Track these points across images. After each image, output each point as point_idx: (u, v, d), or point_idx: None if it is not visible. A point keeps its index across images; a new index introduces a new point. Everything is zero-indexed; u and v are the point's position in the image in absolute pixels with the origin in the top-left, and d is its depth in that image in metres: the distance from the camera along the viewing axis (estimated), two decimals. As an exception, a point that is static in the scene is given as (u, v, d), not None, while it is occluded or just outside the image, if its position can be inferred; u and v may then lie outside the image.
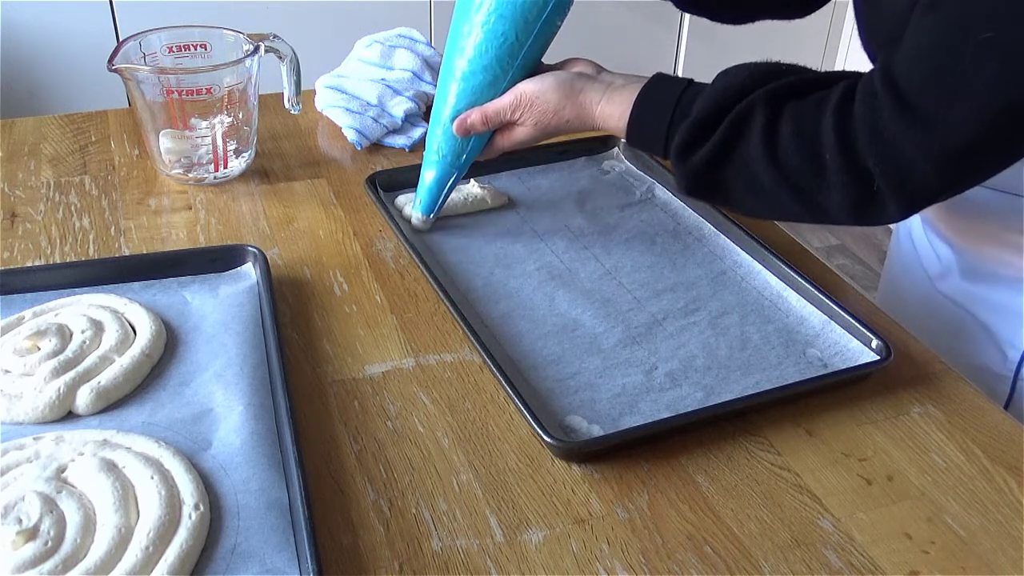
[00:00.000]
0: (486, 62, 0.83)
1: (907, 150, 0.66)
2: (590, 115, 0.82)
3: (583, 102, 0.82)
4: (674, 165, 0.77)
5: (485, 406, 0.72)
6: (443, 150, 0.89)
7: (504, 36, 0.82)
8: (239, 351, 0.74)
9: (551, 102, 0.82)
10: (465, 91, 0.85)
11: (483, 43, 0.83)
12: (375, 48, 1.16)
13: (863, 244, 2.61)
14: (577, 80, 0.83)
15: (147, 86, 0.95)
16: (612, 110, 0.80)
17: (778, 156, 0.71)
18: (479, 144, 0.88)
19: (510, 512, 0.64)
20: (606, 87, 0.82)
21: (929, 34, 0.65)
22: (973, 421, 0.73)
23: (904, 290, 1.00)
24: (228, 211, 0.96)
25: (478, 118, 0.85)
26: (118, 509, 0.59)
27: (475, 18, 0.83)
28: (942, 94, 0.64)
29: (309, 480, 0.62)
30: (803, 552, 0.62)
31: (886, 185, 0.68)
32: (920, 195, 0.69)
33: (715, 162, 0.74)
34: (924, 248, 0.96)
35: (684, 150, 0.75)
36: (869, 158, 0.67)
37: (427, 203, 0.92)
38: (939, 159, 0.66)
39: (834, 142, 0.68)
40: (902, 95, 0.66)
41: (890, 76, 0.67)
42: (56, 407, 0.68)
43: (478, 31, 0.83)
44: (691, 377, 0.75)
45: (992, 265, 0.86)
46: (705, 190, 0.78)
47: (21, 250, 0.89)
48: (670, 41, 2.60)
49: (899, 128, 0.66)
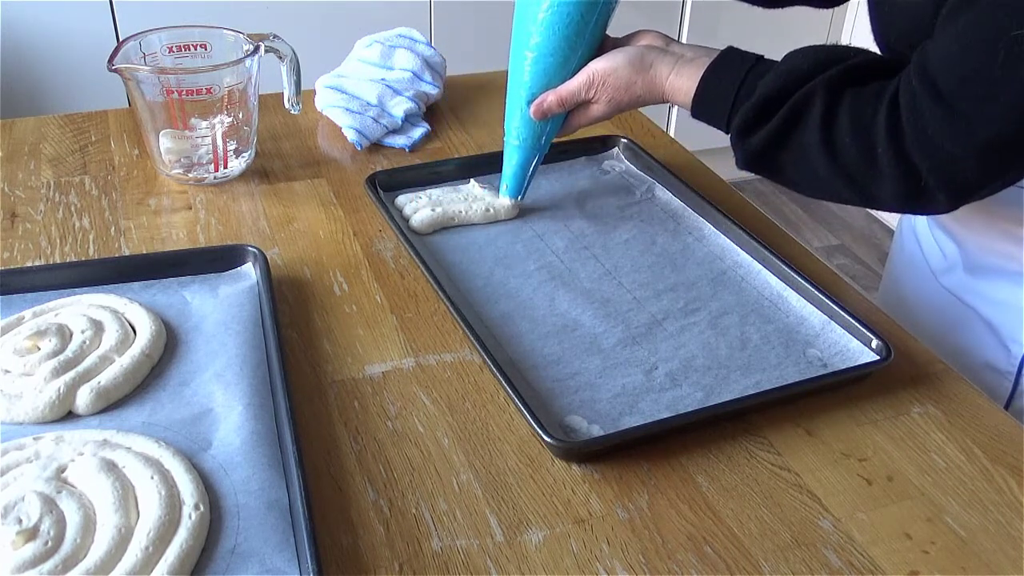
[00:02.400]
0: (554, 44, 0.86)
1: (950, 146, 0.67)
2: (660, 88, 0.84)
3: (653, 76, 0.83)
4: (733, 143, 0.79)
5: (485, 406, 0.72)
6: (522, 134, 0.91)
7: (569, 16, 0.84)
8: (239, 351, 0.74)
9: (623, 78, 0.84)
10: (537, 74, 0.87)
11: (548, 26, 0.85)
12: (375, 48, 1.16)
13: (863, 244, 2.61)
14: (648, 54, 0.84)
15: (147, 86, 0.95)
16: (681, 84, 0.82)
17: (834, 146, 0.73)
18: (556, 124, 0.91)
19: (510, 512, 0.64)
20: (676, 59, 0.83)
21: (963, 33, 0.66)
22: (973, 421, 0.73)
23: (907, 286, 1.00)
24: (228, 211, 0.96)
25: (554, 100, 0.87)
26: (118, 509, 0.59)
27: (540, 3, 0.84)
28: (979, 92, 0.66)
29: (309, 480, 0.62)
30: (803, 552, 0.62)
31: (934, 180, 0.69)
32: (967, 188, 0.71)
33: (773, 145, 0.76)
34: (928, 243, 0.96)
35: (744, 131, 0.77)
36: (915, 154, 0.69)
37: (514, 187, 0.94)
38: (981, 154, 0.67)
39: (886, 137, 0.70)
40: (940, 94, 0.67)
41: (927, 75, 0.68)
42: (56, 407, 0.68)
43: (543, 15, 0.84)
44: (691, 377, 0.75)
45: (997, 260, 0.86)
46: (761, 167, 0.80)
47: (21, 250, 0.89)
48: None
49: (940, 126, 0.67)
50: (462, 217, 0.94)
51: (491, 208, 0.94)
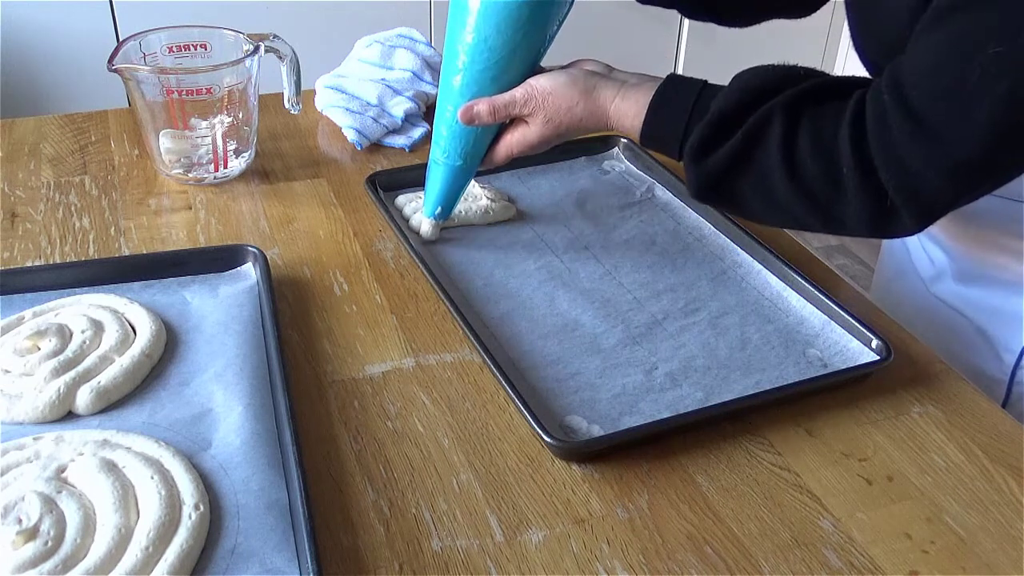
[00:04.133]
0: (484, 52, 0.80)
1: (918, 164, 0.65)
2: (604, 113, 0.79)
3: (597, 99, 0.79)
4: (687, 167, 0.75)
5: (485, 406, 0.72)
6: (448, 150, 0.85)
7: (498, 25, 0.78)
8: (239, 351, 0.74)
9: (564, 97, 0.80)
10: (468, 85, 0.82)
11: (478, 32, 0.79)
12: (375, 48, 1.16)
13: (863, 244, 2.61)
14: (590, 77, 0.81)
15: (147, 86, 0.95)
16: (627, 108, 0.78)
17: (795, 167, 0.70)
18: (483, 144, 0.85)
19: (510, 512, 0.64)
20: (620, 85, 0.80)
21: (938, 49, 0.64)
22: (973, 421, 0.73)
23: (897, 293, 0.99)
24: (228, 211, 0.96)
25: (485, 107, 0.82)
26: (118, 509, 0.59)
27: (467, 19, 0.80)
28: (953, 109, 0.63)
29: (309, 480, 0.62)
30: (803, 552, 0.62)
31: (900, 199, 0.67)
32: (934, 207, 0.68)
33: (730, 168, 0.73)
34: (916, 251, 0.95)
35: (699, 152, 0.74)
36: (881, 171, 0.66)
37: (430, 206, 0.90)
38: (951, 172, 0.65)
39: (851, 156, 0.67)
40: (912, 110, 0.64)
41: (899, 91, 0.65)
42: (56, 407, 0.68)
43: (473, 19, 0.79)
44: (691, 377, 0.75)
45: (986, 268, 0.85)
46: (717, 195, 0.76)
47: (21, 250, 0.89)
48: (670, 41, 2.60)
49: (910, 143, 0.65)
50: (462, 217, 0.94)
51: (491, 210, 0.94)
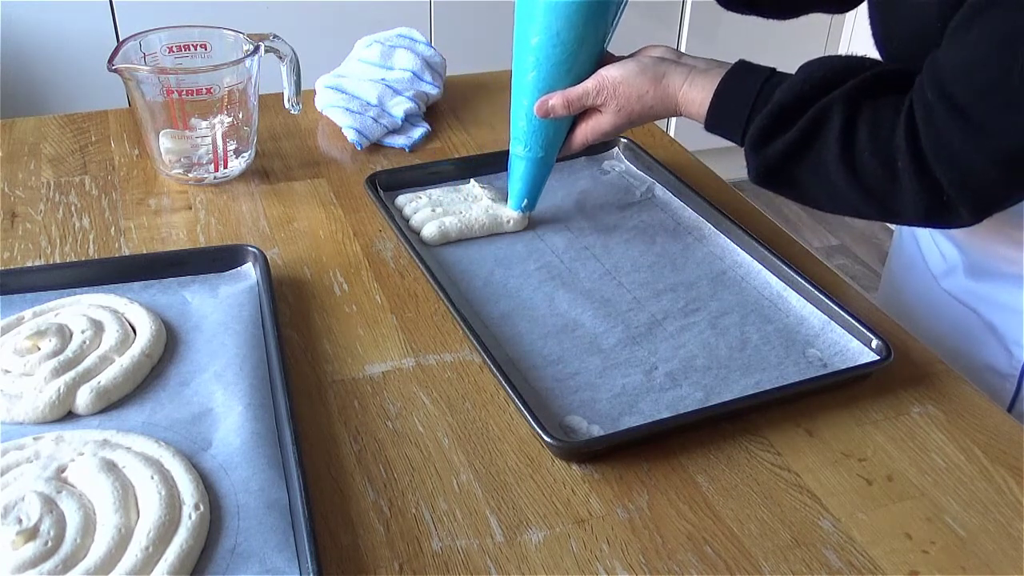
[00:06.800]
0: (554, 49, 0.83)
1: (970, 158, 0.66)
2: (673, 100, 0.82)
3: (667, 87, 0.81)
4: (747, 154, 0.77)
5: (485, 406, 0.72)
6: (529, 143, 0.89)
7: (568, 19, 0.82)
8: (239, 351, 0.74)
9: (635, 86, 0.82)
10: (539, 80, 0.85)
11: (547, 38, 0.83)
12: (375, 48, 1.16)
13: (863, 244, 2.61)
14: (660, 64, 0.83)
15: (147, 86, 0.95)
16: (695, 95, 0.80)
17: (853, 160, 0.71)
18: (561, 134, 0.88)
19: (510, 512, 0.64)
20: (689, 71, 0.81)
21: (978, 42, 0.65)
22: (973, 421, 0.73)
23: (907, 289, 1.00)
24: (228, 211, 0.96)
25: (559, 101, 0.85)
26: (118, 509, 0.59)
27: (537, 17, 0.83)
28: (999, 102, 0.64)
29: (309, 480, 0.62)
30: (803, 552, 0.62)
31: (955, 193, 0.68)
32: (990, 200, 0.69)
33: (789, 157, 0.75)
34: (928, 246, 0.95)
35: (759, 141, 0.76)
36: (936, 168, 0.68)
37: (516, 199, 0.93)
38: (1003, 164, 0.66)
39: (906, 151, 0.68)
40: (958, 106, 0.66)
41: (942, 89, 0.67)
42: (56, 407, 0.68)
43: (541, 19, 0.83)
44: (691, 377, 0.75)
45: (998, 263, 0.85)
46: (776, 182, 0.78)
47: (21, 250, 0.89)
48: (670, 41, 2.60)
49: (961, 138, 0.66)
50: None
51: (491, 209, 0.94)
